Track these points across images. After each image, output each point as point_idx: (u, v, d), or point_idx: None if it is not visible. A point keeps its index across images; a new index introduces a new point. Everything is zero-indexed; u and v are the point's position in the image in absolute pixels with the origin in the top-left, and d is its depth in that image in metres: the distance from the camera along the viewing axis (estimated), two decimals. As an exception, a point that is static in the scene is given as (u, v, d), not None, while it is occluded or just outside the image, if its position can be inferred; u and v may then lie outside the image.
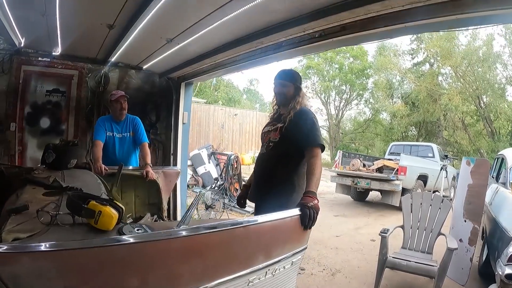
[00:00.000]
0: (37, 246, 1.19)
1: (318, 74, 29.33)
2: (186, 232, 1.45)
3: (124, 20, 3.40)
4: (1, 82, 5.16)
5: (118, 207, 1.61)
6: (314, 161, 2.35)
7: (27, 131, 5.41)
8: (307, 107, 2.68)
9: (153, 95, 6.03)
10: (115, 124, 4.05)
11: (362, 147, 27.91)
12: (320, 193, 10.23)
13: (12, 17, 3.74)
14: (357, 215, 8.25)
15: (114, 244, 1.31)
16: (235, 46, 3.65)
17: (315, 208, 2.00)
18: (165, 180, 4.04)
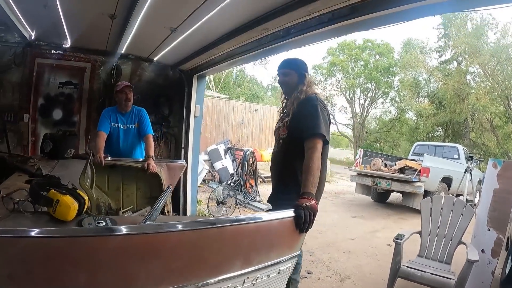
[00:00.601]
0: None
1: (342, 71, 28.72)
2: (143, 230, 1.31)
3: (124, 9, 3.34)
4: (15, 74, 5.23)
5: (80, 198, 1.53)
6: (310, 155, 2.12)
7: (40, 122, 5.45)
8: (314, 95, 2.43)
9: (166, 88, 5.96)
10: (121, 115, 3.98)
11: (387, 147, 27.28)
12: (339, 192, 10.03)
13: (18, 10, 3.76)
14: (375, 217, 7.86)
15: (45, 236, 1.16)
16: (239, 34, 3.44)
17: (312, 209, 1.79)
18: (169, 173, 3.95)
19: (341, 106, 31.64)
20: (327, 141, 2.24)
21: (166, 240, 1.31)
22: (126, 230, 1.24)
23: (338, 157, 29.67)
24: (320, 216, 6.83)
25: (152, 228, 1.33)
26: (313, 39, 3.09)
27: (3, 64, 5.15)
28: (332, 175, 16.41)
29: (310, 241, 5.35)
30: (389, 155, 11.95)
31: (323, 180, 2.47)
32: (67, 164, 2.94)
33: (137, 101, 5.57)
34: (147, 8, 3.18)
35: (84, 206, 1.56)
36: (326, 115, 2.31)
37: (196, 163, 6.19)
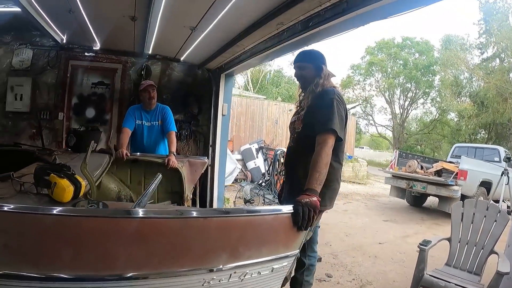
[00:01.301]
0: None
1: (381, 71, 27.97)
2: (126, 214, 1.35)
3: (143, 11, 3.42)
4: (50, 76, 5.57)
5: (77, 182, 1.63)
6: (319, 150, 2.03)
7: (74, 120, 5.71)
8: (332, 88, 2.32)
9: (195, 87, 6.04)
10: (145, 113, 4.11)
11: (428, 150, 26.26)
12: (374, 195, 9.73)
13: (47, 16, 3.99)
14: (408, 221, 7.49)
15: (35, 212, 1.26)
16: (256, 30, 3.39)
17: (311, 206, 1.70)
18: (190, 169, 4.04)
19: (380, 107, 30.93)
20: (340, 137, 2.13)
21: (149, 225, 1.34)
22: (109, 213, 1.31)
23: (377, 159, 29.00)
24: (350, 219, 6.71)
25: (136, 213, 1.34)
26: (330, 32, 2.95)
27: (39, 67, 5.49)
28: (368, 177, 16.04)
29: (336, 244, 5.22)
30: (425, 157, 11.37)
31: (337, 179, 2.38)
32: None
33: (167, 100, 5.82)
34: (163, 9, 3.25)
35: (80, 189, 1.63)
36: (342, 110, 2.21)
37: (223, 161, 6.21)
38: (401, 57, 27.18)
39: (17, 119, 5.53)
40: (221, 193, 6.16)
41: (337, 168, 2.34)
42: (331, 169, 2.14)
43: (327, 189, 2.18)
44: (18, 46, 5.45)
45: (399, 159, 9.54)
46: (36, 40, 5.44)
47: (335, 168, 2.29)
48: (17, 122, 5.52)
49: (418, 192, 8.44)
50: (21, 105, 5.46)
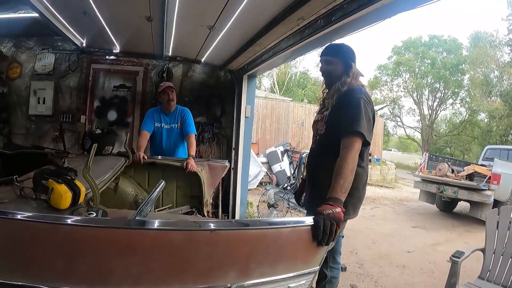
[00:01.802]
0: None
1: (409, 71, 27.19)
2: (123, 224, 1.24)
3: (158, 10, 3.35)
4: (72, 79, 5.65)
5: (76, 188, 1.54)
6: (344, 155, 1.85)
7: (96, 123, 5.73)
8: (359, 87, 2.14)
9: (218, 89, 5.97)
10: (164, 115, 4.05)
11: (458, 152, 25.31)
12: (402, 199, 9.31)
13: (63, 19, 3.99)
14: (438, 228, 7.08)
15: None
16: (275, 26, 3.23)
17: (335, 218, 1.52)
18: (210, 173, 3.95)
19: (408, 108, 30.08)
20: (368, 141, 1.96)
21: (148, 237, 1.22)
22: (104, 223, 1.22)
23: (406, 161, 28.21)
24: (377, 225, 6.38)
25: (134, 224, 1.24)
26: (355, 25, 2.71)
27: (62, 71, 5.57)
28: (397, 181, 15.54)
29: (362, 252, 4.97)
30: (456, 160, 10.79)
31: (363, 186, 2.20)
32: (101, 160, 2.99)
33: (189, 102, 5.76)
34: (179, 8, 3.17)
35: (79, 196, 1.54)
36: (369, 111, 2.03)
37: (246, 164, 6.07)
38: (429, 56, 26.32)
39: (40, 122, 5.63)
40: (244, 197, 6.03)
41: (361, 173, 2.14)
42: (356, 175, 1.95)
43: (350, 196, 1.96)
44: (41, 51, 5.56)
45: (429, 162, 9.11)
46: (58, 44, 5.53)
47: (359, 174, 2.09)
48: (40, 125, 5.62)
49: (449, 197, 7.98)
50: (44, 108, 5.56)
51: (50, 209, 1.47)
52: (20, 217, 1.18)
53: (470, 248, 3.09)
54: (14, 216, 1.18)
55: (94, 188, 1.70)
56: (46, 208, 1.48)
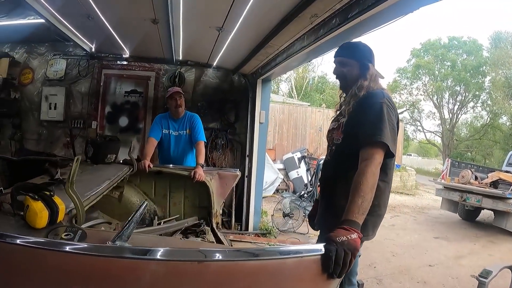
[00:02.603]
0: None
1: (428, 74, 26.50)
2: (93, 251, 1.07)
3: (162, 11, 3.22)
4: (84, 85, 5.63)
5: (53, 205, 1.38)
6: (364, 168, 1.58)
7: (107, 129, 5.70)
8: (380, 90, 1.87)
9: (231, 94, 5.84)
10: (173, 121, 3.89)
11: (479, 157, 24.45)
12: (424, 207, 8.87)
13: (69, 24, 3.96)
14: (461, 239, 6.68)
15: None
16: (287, 25, 3.04)
17: (350, 247, 1.27)
18: (220, 182, 3.73)
19: (428, 111, 29.20)
20: (392, 153, 1.68)
21: (122, 267, 1.04)
22: (69, 248, 1.06)
23: (426, 167, 27.52)
24: (397, 235, 6.00)
25: (105, 251, 1.06)
26: (374, 22, 2.48)
27: (73, 76, 5.55)
28: (417, 187, 15.07)
29: (381, 265, 4.68)
30: (480, 166, 10.30)
31: (384, 203, 1.91)
32: (101, 169, 2.87)
33: (202, 107, 5.64)
34: (184, 9, 3.06)
35: (57, 214, 1.38)
36: (393, 118, 1.75)
37: (261, 172, 5.88)
38: (449, 58, 25.51)
39: (52, 128, 5.62)
40: (258, 206, 5.84)
41: (383, 189, 1.85)
42: (376, 191, 1.68)
43: (370, 215, 1.69)
44: (53, 57, 5.57)
45: (451, 168, 8.70)
46: (69, 50, 5.53)
47: (381, 190, 1.82)
48: (51, 131, 5.62)
49: (472, 206, 7.57)
50: (56, 114, 5.55)
51: (26, 228, 1.32)
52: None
53: (498, 265, 2.74)
54: None
55: (78, 205, 1.52)
56: (22, 226, 1.33)
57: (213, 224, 3.46)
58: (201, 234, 3.10)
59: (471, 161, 16.08)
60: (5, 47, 5.59)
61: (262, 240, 5.28)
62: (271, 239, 5.37)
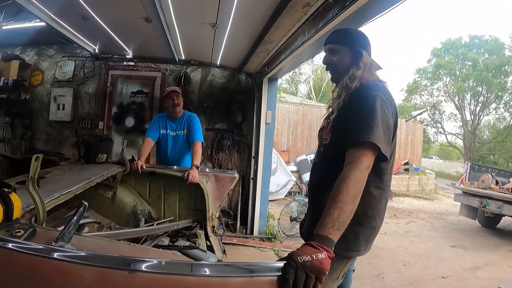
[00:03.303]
0: None
1: (449, 74, 25.84)
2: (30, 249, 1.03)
3: (152, 10, 3.19)
4: (91, 86, 5.72)
5: (8, 202, 1.38)
6: (346, 174, 1.36)
7: (114, 129, 5.75)
8: (375, 82, 1.65)
9: (238, 94, 5.77)
10: (171, 121, 3.85)
11: (502, 160, 23.75)
12: (442, 213, 8.49)
13: (68, 26, 4.01)
14: (479, 247, 6.31)
15: None
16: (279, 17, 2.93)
17: (313, 269, 1.06)
18: (216, 185, 3.64)
19: (449, 113, 28.51)
20: (384, 156, 1.45)
21: (53, 269, 0.99)
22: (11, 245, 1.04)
23: (447, 170, 26.82)
24: (411, 243, 5.71)
25: (40, 251, 1.02)
26: (374, 7, 2.31)
27: (80, 78, 5.65)
28: (436, 191, 14.62)
29: (390, 276, 4.44)
30: (501, 170, 9.78)
31: (379, 214, 1.68)
32: (89, 169, 2.86)
33: (208, 108, 5.61)
34: (172, 4, 3.02)
35: (12, 211, 1.37)
36: (389, 115, 1.52)
37: (267, 174, 5.75)
38: (470, 58, 24.83)
39: (60, 128, 5.72)
40: (264, 209, 5.70)
41: (379, 197, 1.65)
42: (370, 199, 1.55)
43: (362, 227, 1.58)
44: (61, 59, 5.68)
45: (471, 172, 8.34)
46: (77, 52, 5.60)
47: (376, 198, 1.63)
48: (60, 131, 5.72)
49: (492, 213, 7.18)
50: (64, 114, 5.64)
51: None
52: None
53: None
54: None
55: (38, 204, 1.47)
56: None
57: (207, 227, 3.37)
58: (193, 237, 3.02)
59: (493, 165, 15.48)
60: (16, 50, 5.76)
61: (267, 244, 5.16)
62: (276, 244, 5.23)
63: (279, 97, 17.44)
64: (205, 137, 5.43)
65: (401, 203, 11.00)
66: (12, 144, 5.77)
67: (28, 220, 1.47)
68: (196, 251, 2.43)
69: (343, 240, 1.41)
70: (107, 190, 3.24)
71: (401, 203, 10.91)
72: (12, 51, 5.73)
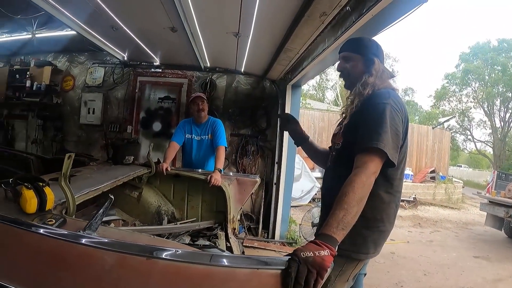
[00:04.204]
0: None
1: (478, 79, 25.06)
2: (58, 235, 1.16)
3: (178, 20, 3.35)
4: (120, 91, 6.00)
5: (43, 195, 1.54)
6: (353, 178, 1.41)
7: (141, 133, 5.98)
8: (387, 90, 1.69)
9: (263, 100, 5.88)
10: (196, 126, 3.96)
11: (533, 168, 22.50)
12: (467, 223, 8.30)
13: (98, 35, 4.24)
14: (504, 259, 6.08)
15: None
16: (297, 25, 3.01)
17: (314, 264, 1.11)
18: (238, 188, 3.70)
19: (479, 120, 27.61)
20: (392, 162, 1.49)
21: (79, 253, 1.12)
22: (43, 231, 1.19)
23: (476, 179, 25.81)
24: (434, 252, 5.65)
25: (68, 236, 1.15)
26: (390, 13, 2.35)
27: (110, 83, 5.95)
28: (463, 201, 14.17)
29: (409, 285, 4.40)
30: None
31: (388, 218, 1.71)
32: (116, 169, 3.02)
33: (233, 113, 5.74)
34: (196, 15, 3.16)
35: (45, 203, 1.53)
36: (398, 122, 1.57)
37: (290, 179, 5.83)
38: (499, 62, 23.99)
39: (90, 131, 6.03)
40: (286, 214, 5.77)
41: (388, 201, 1.69)
42: (379, 203, 1.60)
43: (371, 230, 1.63)
44: (91, 65, 5.99)
45: (498, 181, 8.09)
46: (107, 59, 5.90)
47: (385, 202, 1.68)
48: (90, 134, 6.03)
49: (518, 223, 6.93)
50: (94, 118, 5.95)
51: (20, 212, 1.48)
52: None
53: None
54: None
55: (69, 198, 1.63)
56: (19, 211, 1.49)
57: (228, 229, 3.47)
58: (213, 238, 3.12)
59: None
60: (48, 56, 6.12)
61: (287, 249, 5.19)
62: (296, 249, 5.27)
63: (304, 103, 17.44)
64: (230, 142, 5.59)
65: (426, 212, 10.76)
66: (44, 145, 6.11)
67: (59, 211, 1.63)
68: (215, 250, 2.52)
69: (352, 243, 1.50)
70: (133, 190, 3.38)
71: (426, 212, 10.68)
72: (44, 58, 6.11)
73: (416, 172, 13.87)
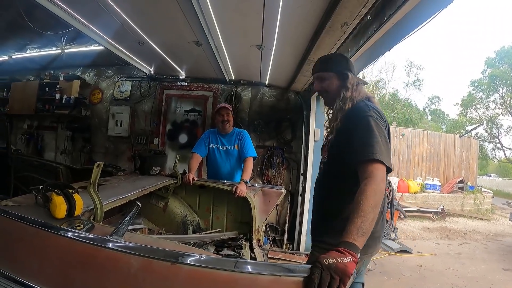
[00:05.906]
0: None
1: (505, 85, 24.00)
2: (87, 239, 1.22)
3: (202, 34, 3.44)
4: (147, 104, 6.19)
5: (72, 201, 1.61)
6: (363, 188, 1.46)
7: (168, 145, 6.13)
8: (364, 102, 1.80)
9: (288, 112, 5.91)
10: (221, 136, 3.95)
11: None
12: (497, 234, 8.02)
13: (125, 50, 4.42)
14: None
15: None
16: (319, 37, 3.03)
17: (337, 271, 1.14)
18: (263, 199, 3.71)
19: (507, 127, 26.47)
20: (389, 168, 1.58)
21: (105, 256, 1.18)
22: (71, 235, 1.25)
23: (506, 189, 24.57)
24: (462, 265, 5.52)
25: (96, 240, 1.22)
26: (413, 19, 2.33)
27: (137, 96, 6.15)
28: (493, 211, 13.53)
29: (436, 300, 4.23)
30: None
31: (378, 219, 1.70)
32: (143, 179, 3.09)
33: (258, 125, 5.79)
34: (219, 28, 3.23)
35: (74, 208, 1.61)
36: (383, 130, 1.68)
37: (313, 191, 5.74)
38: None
39: (117, 143, 6.24)
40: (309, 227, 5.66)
41: None
42: None
43: None
44: (119, 79, 6.22)
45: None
46: (134, 73, 6.12)
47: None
48: (117, 145, 6.24)
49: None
50: (121, 130, 6.15)
51: (49, 217, 1.55)
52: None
53: None
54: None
55: (97, 204, 1.68)
56: (49, 216, 1.56)
57: (253, 240, 3.46)
58: (238, 248, 3.12)
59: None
60: (77, 71, 6.40)
61: (312, 262, 5.11)
62: (320, 261, 5.17)
63: (329, 114, 17.23)
64: (255, 154, 5.63)
65: (454, 223, 10.35)
66: (73, 156, 6.37)
67: (87, 217, 1.70)
68: (239, 260, 2.52)
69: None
70: (160, 200, 3.45)
71: (454, 224, 10.28)
72: (73, 72, 6.39)
73: (443, 183, 13.45)
